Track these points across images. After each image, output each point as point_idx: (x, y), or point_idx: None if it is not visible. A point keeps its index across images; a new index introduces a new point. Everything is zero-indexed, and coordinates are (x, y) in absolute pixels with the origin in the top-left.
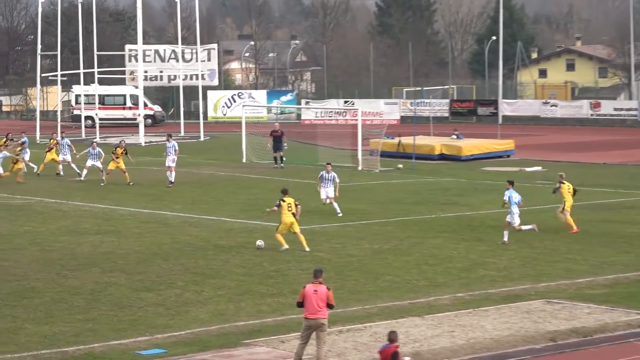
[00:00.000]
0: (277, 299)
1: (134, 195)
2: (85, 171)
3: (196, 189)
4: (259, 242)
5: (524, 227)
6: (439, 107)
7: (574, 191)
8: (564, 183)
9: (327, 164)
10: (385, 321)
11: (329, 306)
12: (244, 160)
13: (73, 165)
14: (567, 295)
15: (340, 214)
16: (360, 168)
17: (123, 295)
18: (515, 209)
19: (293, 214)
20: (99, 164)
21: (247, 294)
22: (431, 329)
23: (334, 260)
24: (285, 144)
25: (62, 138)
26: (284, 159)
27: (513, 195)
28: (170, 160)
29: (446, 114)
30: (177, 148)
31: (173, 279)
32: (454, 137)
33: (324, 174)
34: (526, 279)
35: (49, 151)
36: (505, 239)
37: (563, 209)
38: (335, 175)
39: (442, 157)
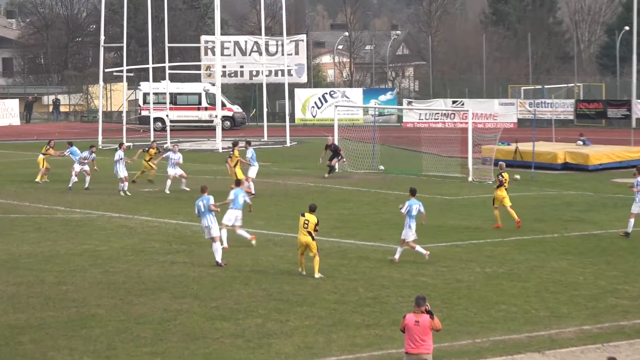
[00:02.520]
0: (374, 331)
1: None
2: (169, 182)
3: (281, 203)
4: None
5: (417, 249)
6: (562, 108)
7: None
8: (502, 176)
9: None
10: (499, 357)
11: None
12: (336, 169)
13: (87, 178)
14: None
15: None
16: (470, 179)
17: (196, 325)
18: (413, 223)
19: (309, 232)
20: (180, 171)
21: (339, 325)
22: None
23: (440, 285)
24: (343, 159)
25: (91, 153)
26: (335, 168)
27: (414, 207)
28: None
29: (571, 117)
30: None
31: (254, 307)
32: (580, 143)
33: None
34: None
35: (148, 160)
36: (397, 256)
37: (501, 203)
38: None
39: (566, 166)
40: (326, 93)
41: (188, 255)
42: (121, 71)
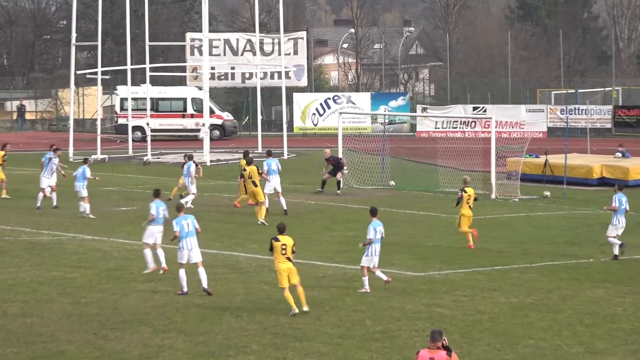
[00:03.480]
0: None
1: None
2: (192, 198)
3: (277, 223)
4: None
5: (365, 282)
6: (598, 115)
7: (474, 199)
8: (465, 191)
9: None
10: None
11: None
12: (340, 186)
13: (54, 195)
14: None
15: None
16: (494, 196)
17: None
18: (377, 248)
19: (288, 258)
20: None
21: None
22: None
23: (459, 317)
24: (345, 169)
25: (57, 156)
26: (340, 184)
27: (378, 230)
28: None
29: (608, 125)
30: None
31: (246, 342)
32: (619, 155)
33: None
34: None
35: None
36: (367, 287)
37: (459, 223)
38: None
39: (603, 181)
40: (329, 98)
41: (171, 283)
42: (95, 73)
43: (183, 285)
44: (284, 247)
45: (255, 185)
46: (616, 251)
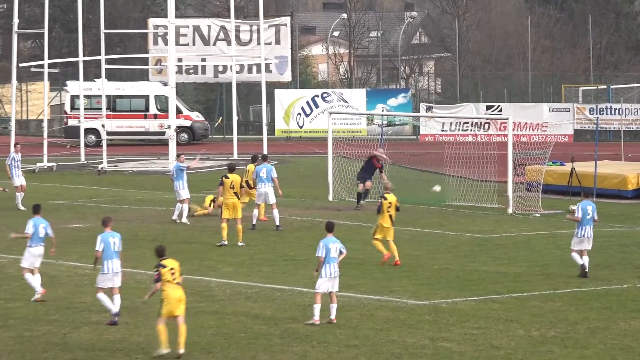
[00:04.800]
0: None
1: None
2: (186, 207)
3: (256, 242)
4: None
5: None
6: (634, 115)
7: (396, 209)
8: (385, 198)
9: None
10: None
11: None
12: (330, 198)
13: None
14: None
15: None
16: (511, 210)
17: None
18: (333, 268)
19: (179, 283)
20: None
21: None
22: None
23: (469, 354)
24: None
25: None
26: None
27: (332, 247)
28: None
29: None
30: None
31: None
32: None
33: None
34: None
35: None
36: (316, 317)
37: (384, 236)
38: None
39: None
40: (317, 96)
41: (131, 313)
42: (41, 66)
43: (109, 307)
44: (172, 271)
45: (238, 197)
46: (582, 265)
